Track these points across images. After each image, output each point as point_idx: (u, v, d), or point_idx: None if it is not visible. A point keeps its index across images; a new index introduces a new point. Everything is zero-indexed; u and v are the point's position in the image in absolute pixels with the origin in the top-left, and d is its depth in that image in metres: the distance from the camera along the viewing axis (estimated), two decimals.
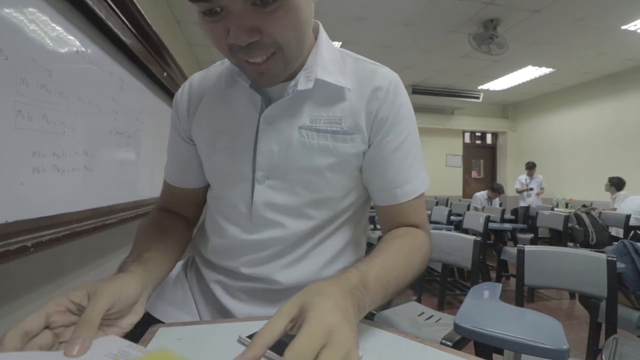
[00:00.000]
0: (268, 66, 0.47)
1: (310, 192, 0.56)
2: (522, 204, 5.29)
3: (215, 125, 0.59)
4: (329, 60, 0.56)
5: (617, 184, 4.29)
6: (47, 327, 0.37)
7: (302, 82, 0.53)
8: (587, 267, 1.30)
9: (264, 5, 0.42)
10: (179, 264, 0.71)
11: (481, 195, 4.94)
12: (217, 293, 0.61)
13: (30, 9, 0.87)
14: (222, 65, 0.62)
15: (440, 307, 2.35)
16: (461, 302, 1.01)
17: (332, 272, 0.60)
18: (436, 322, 1.45)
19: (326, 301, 0.35)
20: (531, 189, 5.37)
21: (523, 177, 5.54)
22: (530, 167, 5.46)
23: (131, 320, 0.44)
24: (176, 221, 0.67)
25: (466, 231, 3.06)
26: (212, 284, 0.62)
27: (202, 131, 0.60)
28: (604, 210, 3.89)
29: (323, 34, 0.58)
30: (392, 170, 0.57)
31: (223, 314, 0.60)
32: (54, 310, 0.38)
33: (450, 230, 3.04)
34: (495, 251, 3.39)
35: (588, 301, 1.56)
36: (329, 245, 0.60)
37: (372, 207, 0.67)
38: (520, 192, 5.49)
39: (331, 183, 0.56)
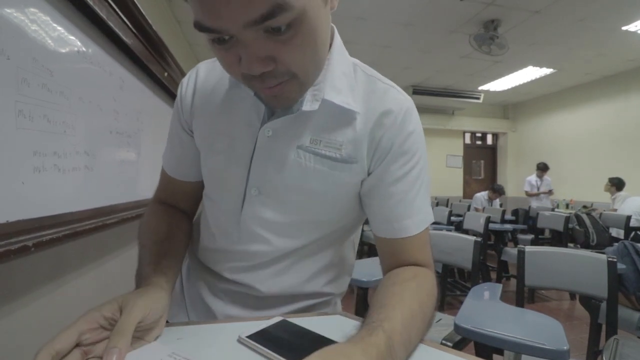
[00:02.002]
0: (282, 89, 0.44)
1: (300, 213, 0.55)
2: (535, 204, 5.12)
3: (215, 125, 0.57)
4: (340, 75, 0.52)
5: (617, 185, 4.29)
6: (77, 344, 0.37)
7: (308, 102, 0.49)
8: (587, 268, 1.29)
9: (277, 33, 0.37)
10: None
11: (481, 195, 4.93)
12: (202, 292, 0.62)
13: (32, 9, 0.87)
14: None
15: (441, 308, 2.35)
16: (461, 302, 1.01)
17: (314, 285, 0.60)
18: (436, 322, 1.45)
19: None
20: (546, 192, 5.22)
21: (533, 179, 5.33)
22: (542, 168, 5.24)
23: (156, 333, 0.43)
24: (179, 217, 0.66)
25: (466, 232, 3.06)
26: (199, 282, 0.64)
27: (202, 128, 0.59)
28: (604, 211, 3.88)
29: (337, 43, 0.54)
30: (392, 201, 0.53)
31: (206, 313, 0.61)
32: (87, 328, 0.37)
33: (450, 230, 3.04)
34: (496, 252, 3.39)
35: (588, 302, 1.56)
36: (314, 261, 0.60)
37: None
38: (530, 195, 5.29)
39: (323, 207, 0.55)
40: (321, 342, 0.42)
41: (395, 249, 0.54)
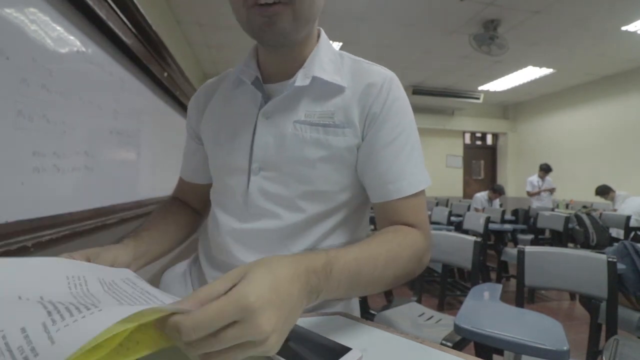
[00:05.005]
0: (276, 12, 0.50)
1: (301, 183, 0.57)
2: (537, 204, 5.15)
3: (219, 122, 0.64)
4: (327, 61, 0.59)
5: (601, 193, 4.34)
6: None
7: (300, 79, 0.56)
8: (587, 268, 1.29)
9: None
10: (186, 262, 0.74)
11: (481, 196, 4.92)
12: None
13: (31, 9, 0.87)
14: (231, 71, 0.67)
15: (441, 308, 2.35)
16: (461, 303, 1.01)
17: None
18: (436, 322, 1.45)
19: (264, 278, 0.32)
20: (549, 189, 5.21)
21: (535, 179, 5.33)
22: (546, 169, 5.23)
23: None
24: (183, 208, 0.75)
25: (466, 232, 3.05)
26: (210, 280, 0.64)
27: (208, 127, 0.66)
28: (604, 211, 3.88)
29: (324, 38, 0.62)
30: (384, 164, 0.56)
31: None
32: None
33: (450, 230, 3.04)
34: (496, 252, 3.39)
35: (588, 302, 1.56)
36: (327, 245, 0.60)
37: (372, 208, 0.66)
38: (532, 195, 5.30)
39: (323, 175, 0.57)
40: (321, 342, 0.42)
41: (390, 212, 0.57)
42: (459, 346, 1.20)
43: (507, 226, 3.60)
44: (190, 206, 0.77)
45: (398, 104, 0.58)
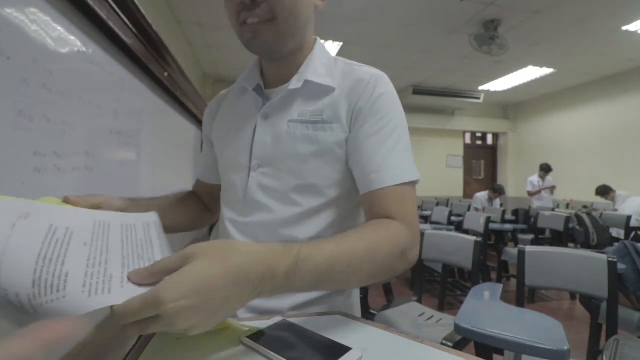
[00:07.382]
0: (261, 28, 0.56)
1: (294, 178, 0.61)
2: (537, 204, 5.17)
3: (226, 126, 0.71)
4: (321, 65, 0.64)
5: (602, 193, 4.35)
6: None
7: (294, 83, 0.62)
8: (588, 268, 1.30)
9: None
10: None
11: (482, 195, 4.92)
12: None
13: (32, 10, 0.87)
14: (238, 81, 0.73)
15: (441, 308, 2.35)
16: (462, 302, 1.01)
17: None
18: (437, 322, 1.45)
19: (197, 274, 0.34)
20: (549, 187, 5.22)
21: (535, 179, 5.35)
22: (546, 169, 5.25)
23: None
24: (196, 199, 0.83)
25: (467, 232, 3.05)
26: None
27: (218, 131, 0.73)
28: (604, 211, 3.88)
29: (319, 45, 0.67)
30: (367, 154, 0.58)
31: None
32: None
33: (450, 230, 3.04)
34: (496, 252, 3.39)
35: (589, 302, 1.56)
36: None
37: None
38: (532, 194, 5.32)
39: (314, 170, 0.61)
40: (321, 342, 0.42)
41: (374, 203, 0.57)
42: (459, 346, 1.20)
43: (508, 226, 3.60)
44: (201, 200, 0.85)
45: (384, 98, 0.60)
